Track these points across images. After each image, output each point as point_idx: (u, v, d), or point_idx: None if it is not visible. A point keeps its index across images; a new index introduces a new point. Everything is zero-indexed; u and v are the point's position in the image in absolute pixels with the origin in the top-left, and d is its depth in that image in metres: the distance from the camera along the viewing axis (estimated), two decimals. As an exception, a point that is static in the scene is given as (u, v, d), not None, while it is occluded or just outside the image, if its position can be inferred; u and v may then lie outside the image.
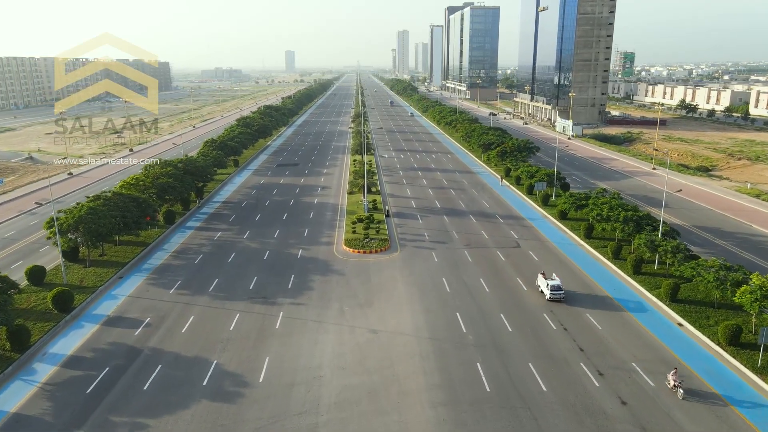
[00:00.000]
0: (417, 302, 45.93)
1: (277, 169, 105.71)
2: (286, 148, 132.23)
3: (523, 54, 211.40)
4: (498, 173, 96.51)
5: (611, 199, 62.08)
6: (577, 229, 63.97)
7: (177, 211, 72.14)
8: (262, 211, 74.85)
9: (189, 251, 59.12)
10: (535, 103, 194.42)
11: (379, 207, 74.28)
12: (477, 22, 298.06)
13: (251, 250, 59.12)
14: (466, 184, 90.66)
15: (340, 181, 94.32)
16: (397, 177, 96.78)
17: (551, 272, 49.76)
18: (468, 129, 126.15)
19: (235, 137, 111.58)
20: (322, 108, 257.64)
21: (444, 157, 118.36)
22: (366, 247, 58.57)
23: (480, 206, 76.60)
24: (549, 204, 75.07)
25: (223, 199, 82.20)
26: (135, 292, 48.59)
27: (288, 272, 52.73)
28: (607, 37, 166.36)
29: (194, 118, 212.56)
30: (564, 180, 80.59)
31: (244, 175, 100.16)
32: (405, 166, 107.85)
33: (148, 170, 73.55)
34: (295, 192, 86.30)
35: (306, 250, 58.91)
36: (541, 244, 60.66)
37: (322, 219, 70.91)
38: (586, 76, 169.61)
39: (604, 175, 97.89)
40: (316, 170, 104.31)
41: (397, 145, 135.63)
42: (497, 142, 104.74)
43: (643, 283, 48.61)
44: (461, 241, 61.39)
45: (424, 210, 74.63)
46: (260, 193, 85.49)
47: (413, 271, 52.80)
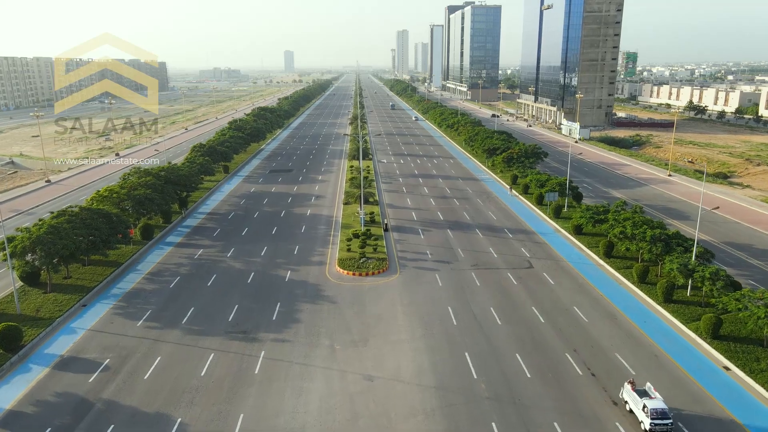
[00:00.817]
0: (419, 339, 39.96)
1: (270, 176, 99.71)
2: (280, 152, 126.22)
3: (527, 54, 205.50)
4: (504, 180, 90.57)
5: (633, 213, 56.13)
6: (594, 246, 58.05)
7: (157, 225, 66.29)
8: (250, 224, 68.86)
9: (165, 272, 53.11)
10: (539, 104, 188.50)
11: (377, 220, 68.31)
12: (478, 21, 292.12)
13: (234, 272, 53.12)
14: (471, 193, 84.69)
15: (336, 189, 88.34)
16: (397, 185, 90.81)
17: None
18: (471, 132, 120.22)
19: (226, 141, 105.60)
20: (319, 109, 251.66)
21: (446, 162, 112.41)
22: (362, 268, 52.59)
23: (486, 218, 70.63)
24: (562, 216, 69.15)
25: (209, 210, 76.21)
26: (97, 325, 42.58)
27: (273, 299, 46.75)
28: (614, 36, 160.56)
29: (188, 119, 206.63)
30: (577, 189, 74.64)
31: (233, 183, 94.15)
32: (405, 172, 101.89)
33: (126, 180, 67.59)
34: (287, 201, 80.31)
35: (295, 272, 52.91)
36: (555, 264, 54.67)
37: (314, 234, 64.92)
38: (592, 76, 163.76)
39: (617, 182, 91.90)
40: (311, 177, 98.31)
41: (397, 149, 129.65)
42: (502, 147, 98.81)
43: (677, 314, 42.65)
44: (468, 261, 55.41)
45: (426, 223, 68.66)
46: (249, 203, 79.50)
47: (415, 298, 46.83)
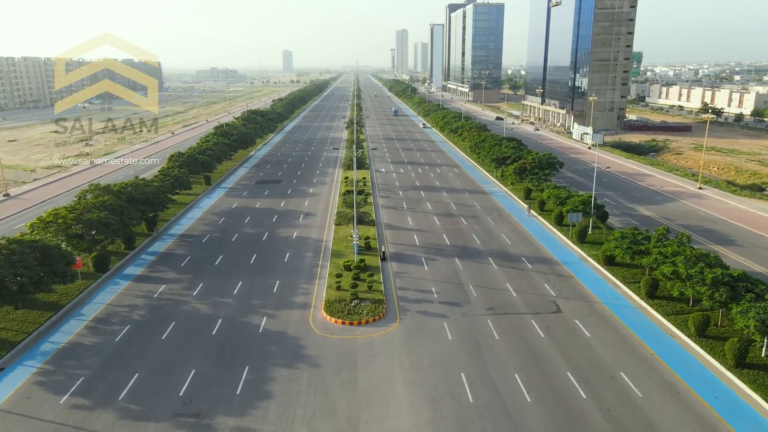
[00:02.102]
0: (426, 426, 30.41)
1: (256, 188, 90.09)
2: (270, 160, 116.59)
3: (533, 53, 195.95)
4: (516, 194, 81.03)
5: (680, 244, 46.60)
6: (632, 281, 48.55)
7: (118, 251, 56.80)
8: (226, 251, 59.24)
9: (114, 318, 43.52)
10: (547, 106, 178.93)
11: (373, 245, 58.71)
12: (480, 19, 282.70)
13: (198, 318, 43.53)
14: (479, 210, 75.14)
15: (328, 204, 78.76)
16: (396, 199, 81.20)
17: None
18: (476, 138, 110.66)
19: (208, 150, 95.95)
20: (316, 111, 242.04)
21: (450, 171, 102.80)
22: (354, 315, 43.00)
23: (500, 243, 61.07)
24: (587, 241, 59.62)
25: (182, 231, 66.61)
26: (8, 403, 32.97)
27: (241, 361, 37.17)
28: (627, 34, 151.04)
29: (177, 122, 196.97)
30: (603, 208, 65.08)
31: (215, 196, 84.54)
32: (405, 184, 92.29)
33: (80, 200, 58.00)
34: (272, 220, 70.72)
35: (272, 319, 43.33)
36: (588, 307, 45.12)
37: (299, 264, 55.31)
38: (603, 77, 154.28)
39: (642, 196, 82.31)
40: (301, 189, 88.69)
41: (396, 156, 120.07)
42: (513, 156, 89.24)
43: (756, 386, 33.09)
44: (482, 302, 45.87)
45: (431, 249, 59.09)
46: (229, 223, 69.89)
47: (419, 359, 37.27)
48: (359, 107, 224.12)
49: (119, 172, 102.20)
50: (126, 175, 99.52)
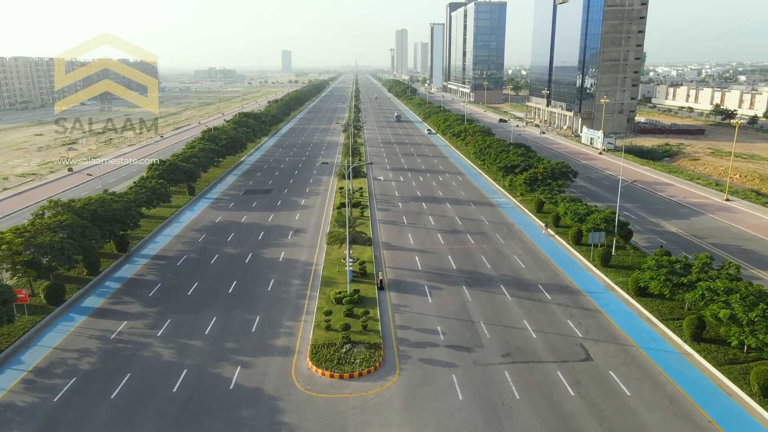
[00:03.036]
0: None
1: (243, 199, 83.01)
2: (261, 166, 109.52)
3: (538, 53, 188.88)
4: (526, 205, 74.04)
5: (730, 278, 39.61)
6: (671, 318, 41.64)
7: (79, 276, 49.85)
8: (203, 276, 52.20)
9: (58, 368, 36.48)
10: (553, 108, 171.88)
11: (369, 271, 51.69)
12: (482, 18, 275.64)
13: (159, 368, 36.47)
14: (487, 225, 68.09)
15: (321, 218, 71.74)
16: (396, 213, 74.14)
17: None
18: (481, 144, 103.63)
19: (193, 156, 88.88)
20: (313, 112, 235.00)
21: (453, 180, 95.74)
22: (344, 365, 35.96)
23: (512, 267, 54.04)
24: (612, 264, 52.62)
25: (156, 251, 59.56)
26: None
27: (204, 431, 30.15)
28: (638, 33, 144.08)
29: (168, 124, 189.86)
30: (627, 226, 58.06)
31: (197, 209, 77.47)
32: (405, 194, 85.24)
33: (35, 220, 50.95)
34: (258, 238, 63.67)
35: (247, 369, 36.27)
36: (622, 352, 38.10)
37: (284, 294, 48.24)
38: (613, 78, 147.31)
39: (665, 209, 75.29)
40: (292, 201, 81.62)
41: (396, 162, 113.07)
42: (522, 165, 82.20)
43: None
44: (496, 346, 38.86)
45: (435, 274, 52.05)
46: (210, 241, 62.84)
47: (423, 429, 30.22)
48: (357, 109, 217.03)
49: (97, 180, 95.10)
50: (105, 184, 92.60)
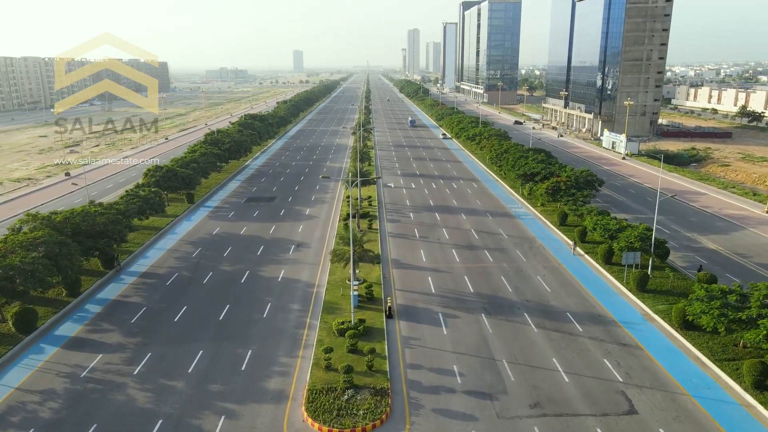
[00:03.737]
0: None
1: (245, 208, 78.13)
2: (266, 171, 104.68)
3: (555, 52, 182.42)
4: (547, 216, 68.31)
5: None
6: (723, 357, 35.89)
7: (58, 298, 45.18)
8: (193, 298, 47.25)
9: (14, 416, 31.60)
10: (571, 110, 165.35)
11: (377, 295, 46.42)
12: (496, 17, 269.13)
13: (131, 418, 31.43)
14: (507, 240, 62.48)
15: (326, 230, 66.60)
16: (407, 225, 68.74)
17: None
18: (498, 149, 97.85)
19: (192, 162, 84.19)
20: (323, 114, 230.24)
21: (468, 187, 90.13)
22: (346, 416, 30.68)
23: (537, 290, 48.45)
24: (649, 289, 46.87)
25: (146, 267, 54.77)
26: None
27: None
28: (662, 31, 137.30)
29: (174, 126, 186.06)
30: (665, 244, 52.18)
31: (195, 218, 72.71)
32: (417, 203, 79.83)
33: (11, 235, 46.28)
34: (257, 253, 58.64)
35: (232, 421, 31.12)
36: (671, 403, 32.43)
37: (282, 322, 43.09)
38: (635, 78, 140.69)
39: (700, 222, 69.14)
40: (296, 210, 76.57)
41: (407, 167, 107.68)
42: (543, 173, 76.42)
43: None
44: (523, 391, 33.37)
45: (450, 299, 46.64)
46: (205, 256, 57.92)
47: None
48: (368, 110, 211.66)
49: (96, 185, 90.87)
50: (102, 190, 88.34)
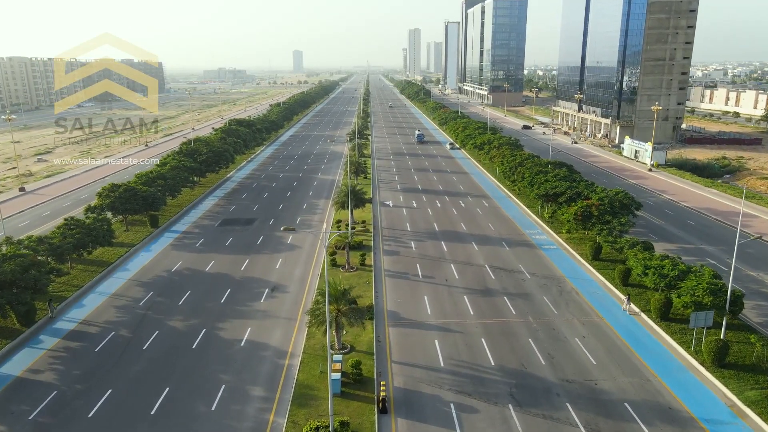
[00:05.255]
0: None
1: (217, 233, 66.46)
2: (249, 185, 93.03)
3: (567, 51, 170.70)
4: (582, 253, 56.51)
5: None
6: None
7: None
8: (122, 377, 35.55)
9: None
10: (585, 114, 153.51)
11: (367, 374, 34.74)
12: (501, 15, 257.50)
13: None
14: (529, 280, 50.77)
15: (308, 267, 54.89)
16: (407, 259, 56.95)
17: None
18: (510, 161, 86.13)
19: (159, 177, 72.56)
20: (319, 116, 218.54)
21: (478, 205, 78.43)
22: None
23: (578, 362, 36.73)
24: (728, 364, 35.21)
25: (75, 323, 43.15)
26: None
27: None
28: (688, 28, 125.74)
29: (159, 129, 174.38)
30: (741, 298, 40.45)
31: (156, 248, 61.06)
32: (420, 227, 68.12)
33: None
34: (221, 301, 46.96)
35: None
36: None
37: (235, 422, 31.36)
38: (657, 80, 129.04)
39: (761, 255, 57.25)
40: (277, 238, 64.82)
41: (407, 180, 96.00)
42: (568, 193, 64.70)
43: None
44: None
45: (464, 378, 34.91)
46: (155, 305, 46.28)
47: None
48: (366, 114, 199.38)
49: (51, 204, 79.32)
50: (56, 209, 76.76)
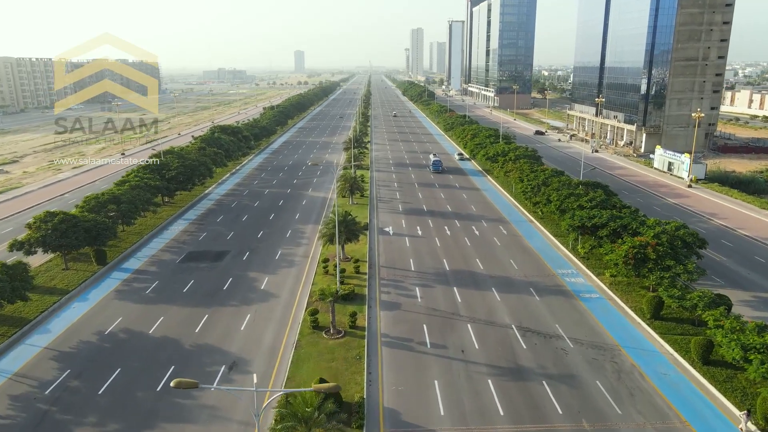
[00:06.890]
0: None
1: (177, 272, 53.98)
2: (228, 204, 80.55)
3: (584, 50, 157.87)
4: (635, 307, 43.85)
5: None
6: None
7: None
8: None
9: None
10: (605, 119, 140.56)
11: None
12: (509, 13, 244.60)
13: None
14: (573, 351, 38.19)
15: (283, 330, 42.36)
16: (411, 316, 44.36)
17: None
18: (532, 179, 73.52)
19: (111, 201, 60.16)
20: (316, 120, 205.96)
21: (495, 233, 65.81)
22: None
23: None
24: None
25: (-45, 423, 30.73)
26: None
27: None
28: (723, 24, 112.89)
29: (142, 135, 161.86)
30: None
31: (95, 296, 48.65)
32: (426, 265, 55.45)
33: None
34: (157, 388, 34.48)
35: None
36: None
37: None
38: (688, 82, 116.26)
39: None
40: (250, 279, 52.33)
41: (411, 198, 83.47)
42: (611, 225, 52.04)
43: None
44: None
45: None
46: (66, 392, 33.86)
47: None
48: (366, 118, 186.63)
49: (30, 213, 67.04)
50: None
